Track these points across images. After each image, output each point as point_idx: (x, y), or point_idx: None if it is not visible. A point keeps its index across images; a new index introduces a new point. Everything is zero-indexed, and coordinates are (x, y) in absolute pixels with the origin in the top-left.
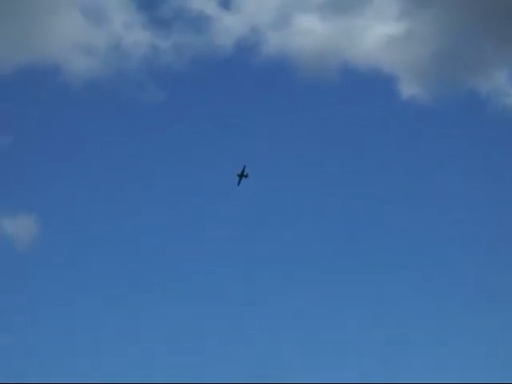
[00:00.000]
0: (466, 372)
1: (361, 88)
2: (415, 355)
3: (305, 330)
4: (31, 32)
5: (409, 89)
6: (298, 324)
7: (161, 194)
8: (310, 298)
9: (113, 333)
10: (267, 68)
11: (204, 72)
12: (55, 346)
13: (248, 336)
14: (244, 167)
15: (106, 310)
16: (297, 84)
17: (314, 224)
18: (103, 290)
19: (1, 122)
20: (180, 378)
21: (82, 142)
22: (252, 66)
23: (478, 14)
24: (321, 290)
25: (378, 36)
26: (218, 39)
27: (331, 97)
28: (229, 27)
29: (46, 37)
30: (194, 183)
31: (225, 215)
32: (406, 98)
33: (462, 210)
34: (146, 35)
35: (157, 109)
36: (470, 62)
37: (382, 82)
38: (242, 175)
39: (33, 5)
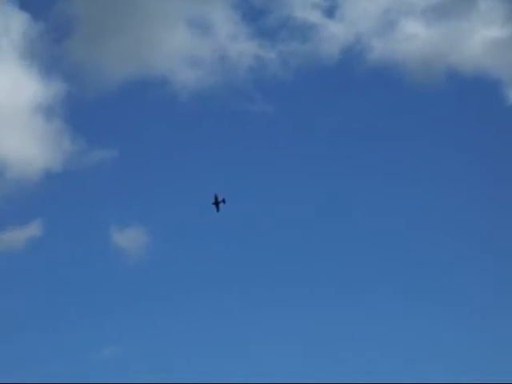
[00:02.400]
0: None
1: (466, 93)
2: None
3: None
4: (139, 44)
5: None
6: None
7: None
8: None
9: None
10: (373, 75)
11: (310, 81)
12: (174, 354)
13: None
14: (215, 195)
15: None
16: (403, 90)
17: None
18: (218, 299)
19: (109, 135)
20: None
21: (191, 153)
22: (358, 73)
23: None
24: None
25: (483, 40)
26: (323, 48)
27: (437, 102)
28: (333, 35)
29: (153, 49)
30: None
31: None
32: None
33: None
34: (251, 46)
35: (267, 119)
36: None
37: (488, 87)
38: (217, 203)
39: (140, 18)
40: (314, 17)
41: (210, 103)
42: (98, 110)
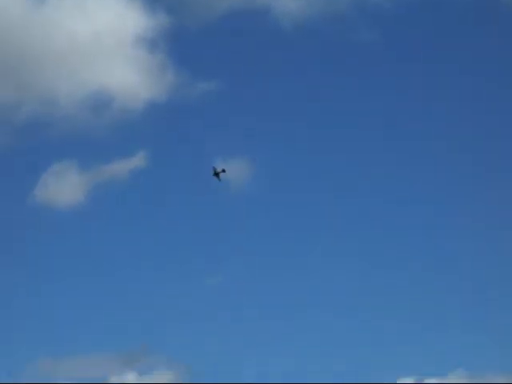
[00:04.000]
0: None
1: None
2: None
3: None
4: None
5: None
6: None
7: None
8: None
9: None
10: None
11: (411, 10)
12: (275, 285)
13: None
14: (213, 167)
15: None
16: None
17: None
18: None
19: (212, 66)
20: None
21: (294, 84)
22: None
23: None
24: None
25: None
26: None
27: None
28: None
29: None
30: None
31: None
32: None
33: None
34: None
35: (370, 49)
36: None
37: None
38: (216, 173)
39: None
40: None
41: (312, 32)
42: (202, 41)
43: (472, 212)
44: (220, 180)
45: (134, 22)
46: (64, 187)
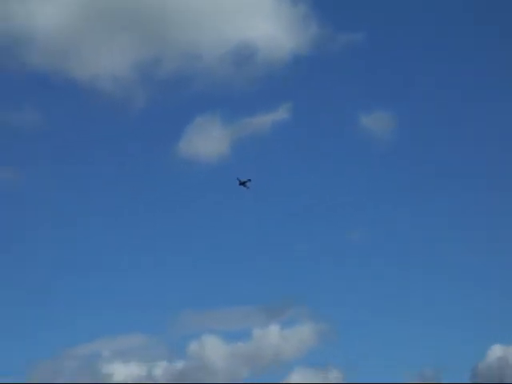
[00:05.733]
0: None
1: None
2: None
3: None
4: None
5: None
6: None
7: None
8: None
9: None
10: None
11: None
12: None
13: None
14: (238, 178)
15: None
16: None
17: None
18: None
19: (356, 18)
20: None
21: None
22: None
23: None
24: None
25: None
26: None
27: None
28: None
29: None
30: None
31: None
32: None
33: None
34: None
35: None
36: None
37: None
38: (242, 183)
39: None
40: None
41: None
42: None
43: None
44: (248, 188)
45: None
46: (207, 140)
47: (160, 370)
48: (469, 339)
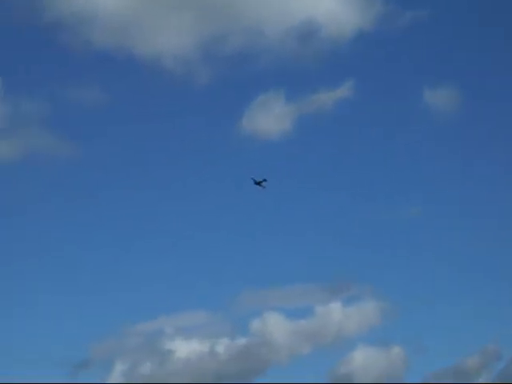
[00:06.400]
0: None
1: None
2: None
3: None
4: None
5: None
6: None
7: None
8: None
9: None
10: None
11: None
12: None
13: None
14: (252, 178)
15: None
16: None
17: None
18: None
19: None
20: None
21: None
22: None
23: None
24: None
25: None
26: None
27: None
28: None
29: None
30: None
31: None
32: None
33: None
34: None
35: None
36: None
37: None
38: (258, 183)
39: None
40: None
41: None
42: None
43: None
44: (264, 187)
45: None
46: (270, 117)
47: (222, 346)
48: None
